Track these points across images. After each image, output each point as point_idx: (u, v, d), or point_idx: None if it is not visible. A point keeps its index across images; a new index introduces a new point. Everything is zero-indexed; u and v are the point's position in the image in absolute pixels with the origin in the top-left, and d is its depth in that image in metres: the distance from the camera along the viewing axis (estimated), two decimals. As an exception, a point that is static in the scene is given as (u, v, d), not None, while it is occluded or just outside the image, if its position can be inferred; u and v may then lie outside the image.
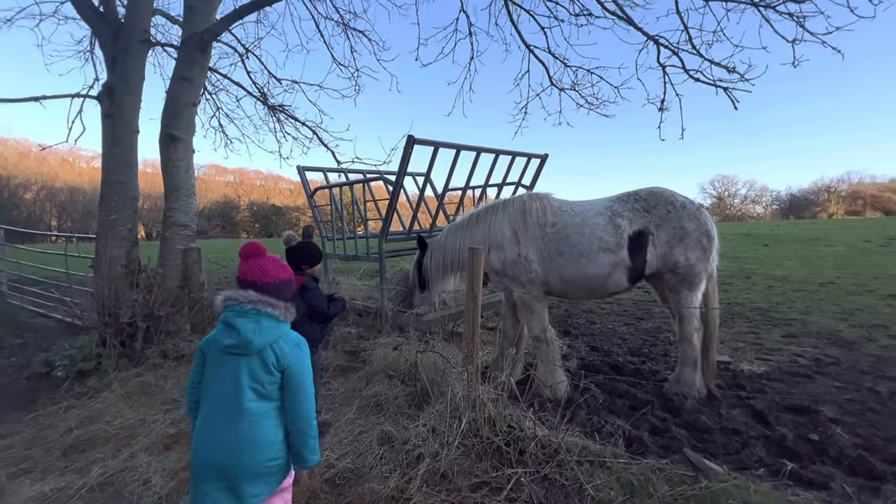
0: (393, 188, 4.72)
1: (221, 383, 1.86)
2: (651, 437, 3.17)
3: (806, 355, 5.01)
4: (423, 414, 3.09)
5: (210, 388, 1.88)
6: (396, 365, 3.98)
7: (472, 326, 3.15)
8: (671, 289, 3.88)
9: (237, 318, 1.89)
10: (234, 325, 1.88)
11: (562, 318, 7.38)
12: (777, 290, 9.29)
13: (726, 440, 3.12)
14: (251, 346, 1.86)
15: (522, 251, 4.00)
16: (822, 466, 2.77)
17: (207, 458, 1.80)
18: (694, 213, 3.80)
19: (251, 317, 1.90)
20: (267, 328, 1.91)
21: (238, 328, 1.87)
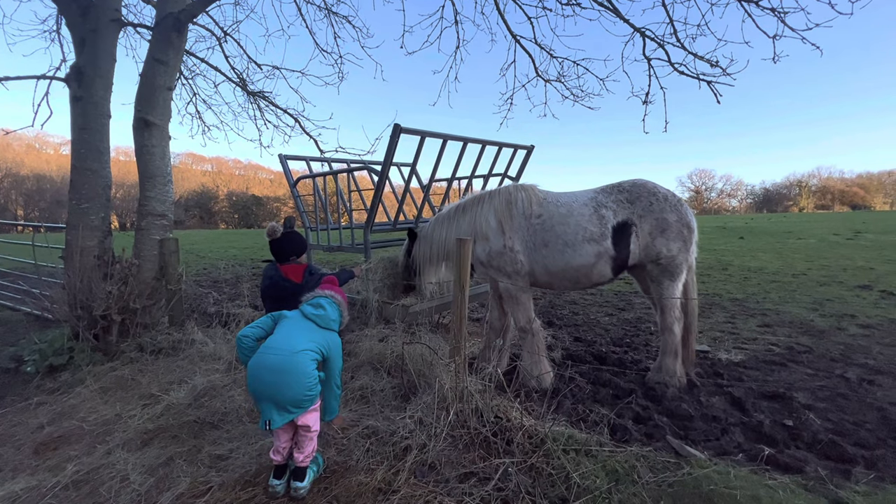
0: (378, 178, 4.65)
1: (293, 329, 2.57)
2: (634, 425, 3.23)
3: (780, 344, 5.18)
4: (411, 406, 3.08)
5: (281, 332, 2.55)
6: (382, 357, 3.95)
7: (459, 317, 3.14)
8: (653, 279, 3.94)
9: (327, 304, 2.75)
10: (324, 305, 2.73)
11: (546, 309, 7.45)
12: (752, 281, 9.58)
13: (706, 427, 3.21)
14: (328, 320, 2.68)
15: (508, 242, 4.00)
16: (797, 451, 2.87)
17: (266, 373, 2.41)
18: (675, 205, 3.86)
19: (334, 308, 2.76)
20: (336, 321, 2.74)
21: (326, 308, 2.72)
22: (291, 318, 2.69)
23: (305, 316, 2.70)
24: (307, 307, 2.75)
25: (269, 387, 2.42)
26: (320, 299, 2.80)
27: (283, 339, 2.55)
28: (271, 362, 2.44)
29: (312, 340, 2.58)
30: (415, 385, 3.38)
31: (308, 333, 2.61)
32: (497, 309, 4.46)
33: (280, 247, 3.75)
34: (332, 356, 2.67)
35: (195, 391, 3.70)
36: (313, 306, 2.75)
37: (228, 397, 3.63)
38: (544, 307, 7.68)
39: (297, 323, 2.66)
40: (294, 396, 2.44)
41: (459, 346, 3.11)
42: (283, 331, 2.60)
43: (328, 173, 5.72)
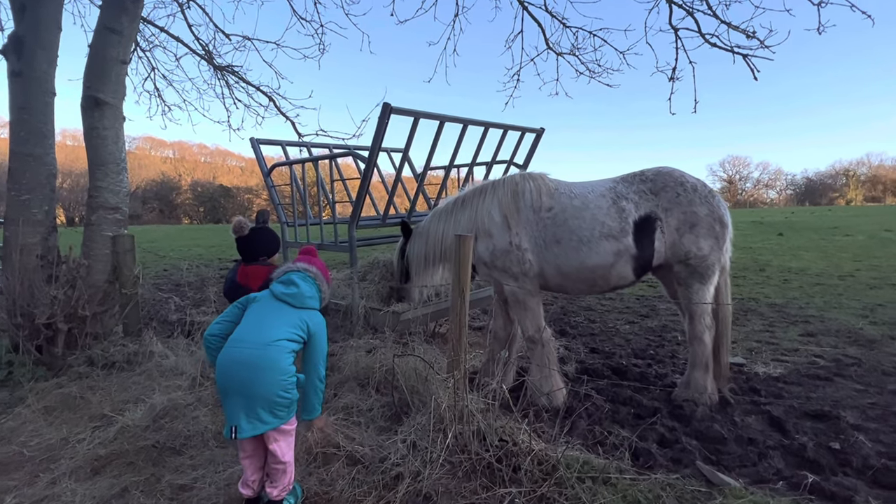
0: (365, 166, 4.64)
1: (264, 315, 2.53)
2: (659, 448, 3.24)
3: (825, 356, 5.21)
4: (403, 428, 3.07)
5: (251, 320, 2.53)
6: (370, 371, 3.95)
7: (458, 326, 3.13)
8: (681, 282, 3.95)
9: (301, 281, 2.68)
10: (297, 282, 2.66)
11: (558, 317, 7.48)
12: (793, 283, 9.63)
13: (741, 451, 3.22)
14: (303, 299, 2.62)
15: (514, 239, 4.00)
16: (845, 478, 2.88)
17: (234, 370, 2.36)
18: (706, 197, 3.87)
19: (309, 282, 2.70)
20: (314, 297, 2.70)
21: (299, 285, 2.65)
22: (261, 302, 2.64)
23: (276, 297, 2.64)
24: (277, 286, 2.68)
25: (240, 383, 2.36)
26: (291, 275, 2.74)
27: (253, 328, 2.50)
28: (241, 356, 2.40)
29: (287, 326, 2.52)
30: (407, 404, 3.37)
31: (282, 318, 2.55)
32: (502, 316, 4.46)
33: (248, 245, 3.73)
34: (314, 339, 2.61)
35: (154, 411, 3.68)
36: (284, 284, 2.69)
37: (192, 418, 3.61)
38: (556, 314, 7.70)
39: (268, 307, 2.61)
40: (267, 395, 2.37)
41: (459, 359, 3.10)
42: (252, 318, 2.56)
43: (307, 160, 5.70)
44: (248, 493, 2.57)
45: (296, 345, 2.54)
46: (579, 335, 6.37)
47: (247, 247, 3.55)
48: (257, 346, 2.42)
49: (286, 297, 2.62)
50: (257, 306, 2.62)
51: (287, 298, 2.62)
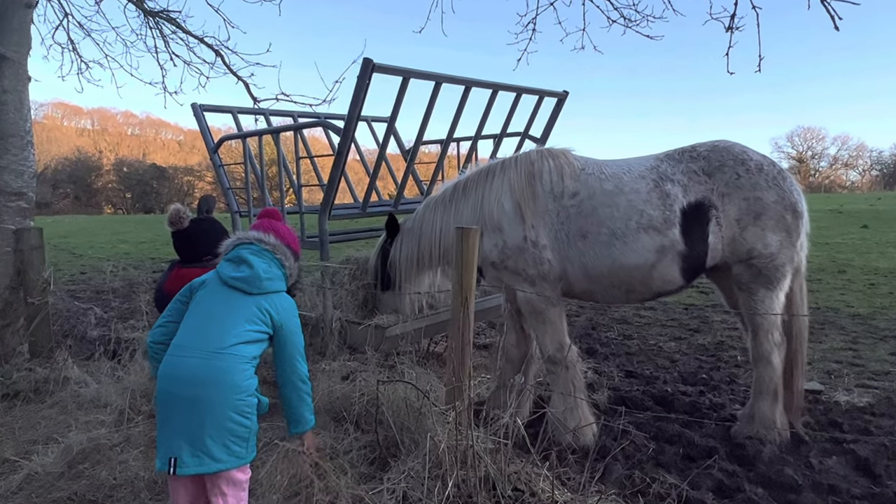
0: (340, 139, 4.62)
1: (211, 309, 2.49)
2: (716, 499, 3.24)
3: (924, 380, 5.24)
4: (390, 474, 3.05)
5: (195, 316, 2.50)
6: (348, 402, 3.92)
7: (460, 344, 3.14)
8: (743, 287, 3.95)
9: (252, 256, 2.61)
10: (249, 260, 2.58)
11: (585, 332, 7.50)
12: (882, 288, 9.69)
13: (819, 501, 3.23)
14: (259, 282, 2.55)
15: (529, 233, 4.01)
16: (951, 535, 2.89)
17: (175, 387, 2.35)
18: (775, 179, 3.88)
19: (266, 258, 2.64)
20: (276, 277, 2.64)
21: (252, 263, 2.57)
22: (208, 290, 2.58)
23: (225, 282, 2.57)
24: (224, 268, 2.61)
25: (183, 403, 2.32)
26: (241, 251, 2.64)
27: (198, 329, 2.45)
28: (183, 369, 2.36)
29: (242, 322, 2.47)
30: (396, 444, 3.35)
31: (234, 311, 2.49)
32: (514, 331, 4.45)
33: (188, 241, 3.70)
34: (283, 330, 2.59)
35: (70, 454, 3.64)
36: (232, 264, 2.61)
37: (119, 463, 3.58)
38: (583, 328, 7.71)
39: (216, 297, 2.54)
40: (217, 419, 2.31)
41: (461, 386, 3.10)
42: (196, 316, 2.51)
43: (265, 132, 5.67)
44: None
45: (257, 347, 2.52)
46: (612, 355, 6.39)
47: (186, 243, 3.52)
48: (204, 354, 2.37)
49: (236, 283, 2.55)
50: (203, 297, 2.56)
51: (238, 284, 2.55)
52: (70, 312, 7.67)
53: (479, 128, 5.62)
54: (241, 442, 2.39)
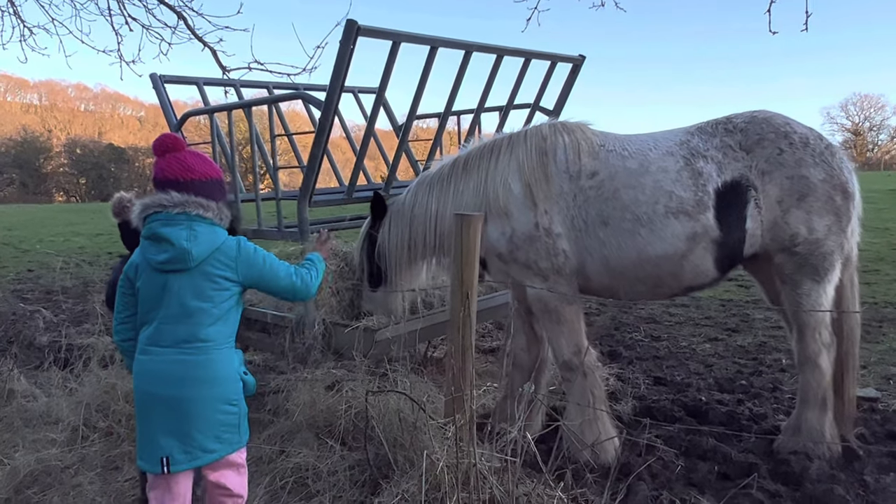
0: (322, 114, 4.60)
1: (162, 308, 2.56)
2: (756, 523, 3.25)
3: None
4: (382, 498, 3.08)
5: (150, 316, 2.60)
6: (333, 416, 3.95)
7: (461, 347, 3.15)
8: (785, 279, 3.95)
9: (165, 228, 2.57)
10: (164, 235, 2.55)
11: (607, 332, 7.51)
12: (948, 280, 9.64)
13: (875, 524, 3.24)
14: (189, 257, 2.55)
15: (542, 220, 4.00)
16: None
17: (153, 386, 2.51)
18: (822, 155, 3.86)
19: (181, 223, 2.58)
20: (203, 235, 2.61)
21: (169, 238, 2.55)
22: (149, 280, 2.63)
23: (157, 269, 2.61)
24: (148, 251, 2.64)
25: (166, 402, 2.50)
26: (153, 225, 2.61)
27: (161, 323, 2.56)
28: (161, 370, 2.52)
29: (202, 301, 2.58)
30: (388, 462, 3.37)
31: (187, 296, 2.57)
32: (524, 332, 4.46)
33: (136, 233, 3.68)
34: (251, 279, 2.74)
35: (16, 478, 3.68)
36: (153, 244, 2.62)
37: (73, 487, 3.62)
38: (605, 328, 7.72)
39: (160, 285, 2.60)
40: (206, 414, 2.53)
41: (462, 396, 3.10)
42: (151, 307, 2.61)
43: (235, 106, 5.65)
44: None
45: (230, 315, 2.69)
46: (638, 359, 6.39)
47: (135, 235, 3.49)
48: (177, 350, 2.53)
49: (168, 267, 2.58)
50: (148, 288, 2.62)
51: (170, 267, 2.58)
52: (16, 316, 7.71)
53: (483, 99, 5.59)
54: (232, 429, 2.62)
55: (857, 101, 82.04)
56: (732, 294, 9.36)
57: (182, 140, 2.84)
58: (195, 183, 2.66)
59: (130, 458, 4.01)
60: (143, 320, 2.64)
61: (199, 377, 2.53)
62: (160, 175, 2.68)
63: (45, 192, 65.75)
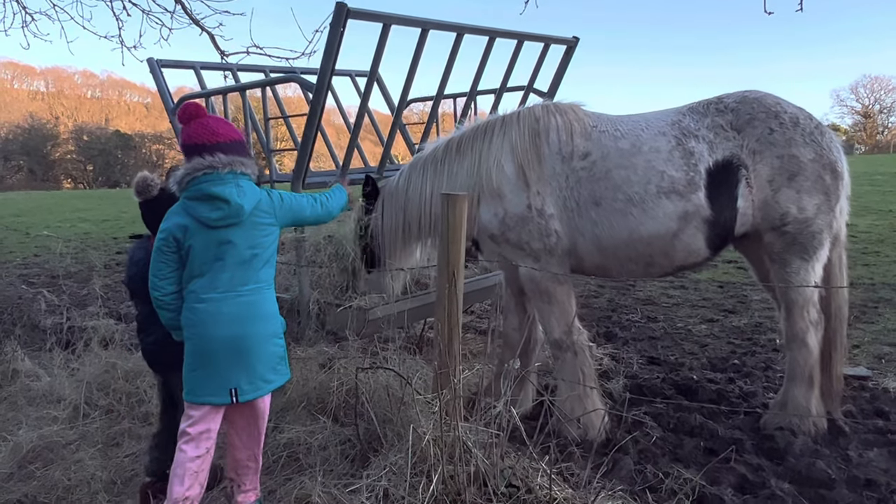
0: (314, 96, 4.63)
1: (219, 259, 2.84)
2: (736, 495, 3.31)
3: None
4: (370, 470, 3.13)
5: (204, 269, 2.86)
6: (325, 393, 4.01)
7: (448, 325, 3.20)
8: (775, 258, 4.00)
9: (217, 188, 2.80)
10: (217, 194, 2.79)
11: (604, 314, 7.54)
12: (949, 261, 9.62)
13: (854, 497, 3.29)
14: (242, 211, 2.84)
15: (534, 201, 4.04)
16: None
17: (218, 329, 2.80)
18: (812, 134, 3.89)
19: (230, 182, 2.84)
20: (247, 189, 2.90)
21: (223, 196, 2.79)
22: (202, 237, 2.85)
23: (207, 225, 2.83)
24: (199, 210, 2.83)
25: (230, 341, 2.81)
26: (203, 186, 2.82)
27: (219, 272, 2.86)
28: (224, 312, 2.82)
29: (253, 248, 2.92)
30: (377, 437, 3.44)
31: (241, 246, 2.88)
32: (516, 312, 4.51)
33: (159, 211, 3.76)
34: (287, 217, 3.15)
35: (19, 453, 3.77)
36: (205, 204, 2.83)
37: (75, 463, 3.70)
38: (602, 309, 7.77)
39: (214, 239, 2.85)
40: (263, 350, 2.89)
41: (449, 372, 3.15)
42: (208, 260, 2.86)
43: (231, 89, 5.68)
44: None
45: (272, 258, 3.06)
46: (633, 339, 6.45)
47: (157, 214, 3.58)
48: (236, 294, 2.86)
49: (221, 223, 2.84)
50: (200, 243, 2.85)
51: (223, 223, 2.84)
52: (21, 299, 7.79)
53: (475, 82, 5.60)
54: (282, 361, 3.03)
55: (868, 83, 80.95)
56: (731, 276, 9.37)
57: (204, 108, 3.10)
58: (221, 145, 2.87)
59: (130, 434, 4.12)
60: (195, 274, 2.87)
61: (256, 314, 2.89)
62: (189, 140, 2.90)
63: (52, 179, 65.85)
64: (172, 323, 2.96)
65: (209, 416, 2.88)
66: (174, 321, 2.95)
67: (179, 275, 2.92)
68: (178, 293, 2.93)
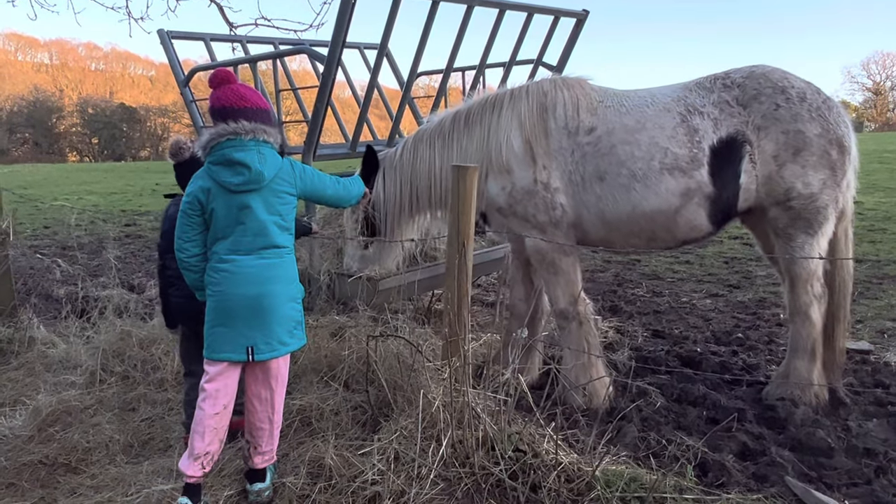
0: (324, 68, 4.64)
1: (240, 223, 2.93)
2: (738, 462, 3.39)
3: None
4: (381, 434, 3.22)
5: (226, 232, 2.95)
6: (336, 360, 4.08)
7: (457, 294, 3.25)
8: (779, 232, 4.02)
9: (239, 153, 2.89)
10: (239, 159, 2.88)
11: (610, 288, 7.60)
12: (955, 239, 9.60)
13: (853, 464, 3.37)
14: (262, 177, 2.92)
15: (540, 175, 4.07)
16: None
17: (240, 287, 2.91)
18: (818, 110, 3.88)
19: (252, 148, 2.92)
20: (269, 157, 2.97)
21: (245, 162, 2.88)
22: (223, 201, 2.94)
23: (229, 190, 2.92)
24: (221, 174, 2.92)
25: (250, 303, 2.91)
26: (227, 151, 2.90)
27: (241, 235, 2.95)
28: (247, 272, 2.92)
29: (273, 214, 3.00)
30: (388, 403, 3.52)
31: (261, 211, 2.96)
32: (522, 283, 4.57)
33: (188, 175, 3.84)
34: (306, 191, 3.21)
35: (39, 417, 3.87)
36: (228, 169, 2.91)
37: (92, 426, 3.81)
38: (608, 284, 7.82)
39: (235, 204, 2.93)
40: (281, 309, 2.99)
41: (457, 341, 3.22)
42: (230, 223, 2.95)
43: (241, 61, 5.70)
44: (197, 470, 2.90)
45: (291, 225, 3.14)
46: (638, 313, 6.51)
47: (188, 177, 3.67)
48: (258, 255, 2.96)
49: (242, 188, 2.92)
50: (223, 208, 2.94)
51: (244, 188, 2.92)
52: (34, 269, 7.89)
53: (485, 55, 5.59)
54: (299, 326, 3.12)
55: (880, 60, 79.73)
56: (736, 252, 9.40)
57: (234, 74, 3.16)
58: (248, 111, 2.94)
59: (146, 399, 4.21)
60: (218, 236, 2.97)
61: (277, 276, 2.98)
62: (217, 104, 2.97)
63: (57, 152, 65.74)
64: (196, 283, 3.08)
65: (226, 373, 2.99)
66: (198, 282, 3.06)
67: (204, 237, 3.03)
68: (202, 255, 3.03)
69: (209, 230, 3.01)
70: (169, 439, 3.77)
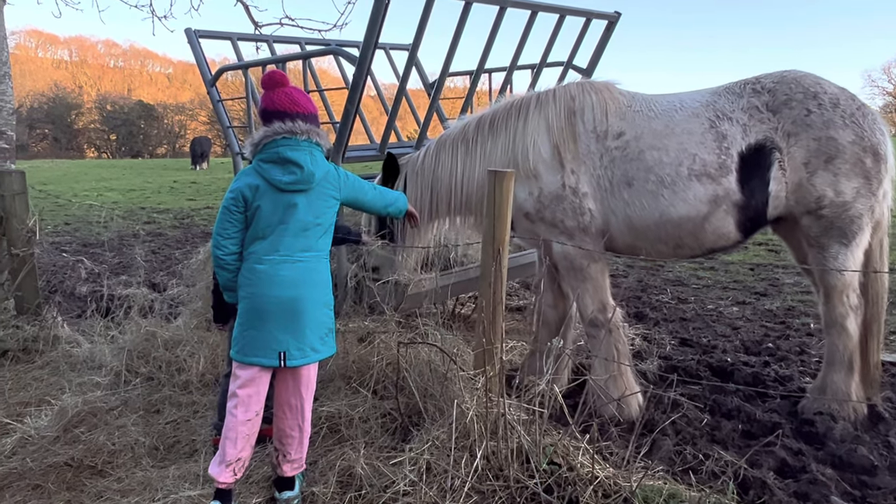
0: (356, 70, 4.60)
1: (283, 223, 2.93)
2: (778, 479, 3.31)
3: None
4: (412, 444, 3.18)
5: (267, 231, 2.94)
6: (365, 367, 4.05)
7: (492, 302, 3.20)
8: (813, 242, 3.94)
9: (293, 153, 2.92)
10: (292, 158, 2.91)
11: (634, 294, 7.52)
12: None
13: (897, 484, 3.28)
14: (313, 178, 2.96)
15: (569, 180, 4.03)
16: None
17: (275, 290, 2.89)
18: (852, 116, 3.80)
19: (304, 149, 2.96)
20: (319, 159, 3.03)
21: (297, 161, 2.91)
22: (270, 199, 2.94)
23: (278, 188, 2.92)
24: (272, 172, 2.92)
25: (284, 305, 2.89)
26: (281, 149, 2.91)
27: (282, 235, 2.94)
28: (283, 274, 2.90)
29: (317, 217, 3.01)
30: (419, 411, 3.48)
31: (306, 212, 2.96)
32: (551, 290, 4.50)
33: None
34: (349, 197, 3.23)
35: (64, 417, 3.86)
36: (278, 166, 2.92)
37: (118, 428, 3.79)
38: (632, 289, 7.74)
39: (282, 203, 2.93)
40: (314, 314, 2.96)
41: (492, 349, 3.16)
42: (273, 222, 2.93)
43: (269, 61, 5.66)
44: (229, 477, 2.90)
45: (331, 230, 3.14)
46: (664, 320, 6.43)
47: None
48: (295, 258, 2.94)
49: (292, 187, 2.93)
50: (268, 206, 2.94)
51: (294, 188, 2.94)
52: (56, 267, 7.94)
53: (515, 57, 5.53)
54: (331, 333, 3.09)
55: (900, 64, 78.92)
56: (762, 258, 9.29)
57: (287, 77, 3.16)
58: (300, 115, 2.98)
59: (171, 402, 4.19)
60: (258, 235, 2.95)
61: (313, 280, 2.97)
62: (271, 106, 2.99)
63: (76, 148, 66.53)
64: (228, 284, 3.06)
65: (257, 379, 2.96)
66: (230, 282, 3.04)
67: (242, 236, 3.00)
68: (239, 254, 3.01)
69: (248, 229, 3.00)
70: (195, 443, 3.72)
